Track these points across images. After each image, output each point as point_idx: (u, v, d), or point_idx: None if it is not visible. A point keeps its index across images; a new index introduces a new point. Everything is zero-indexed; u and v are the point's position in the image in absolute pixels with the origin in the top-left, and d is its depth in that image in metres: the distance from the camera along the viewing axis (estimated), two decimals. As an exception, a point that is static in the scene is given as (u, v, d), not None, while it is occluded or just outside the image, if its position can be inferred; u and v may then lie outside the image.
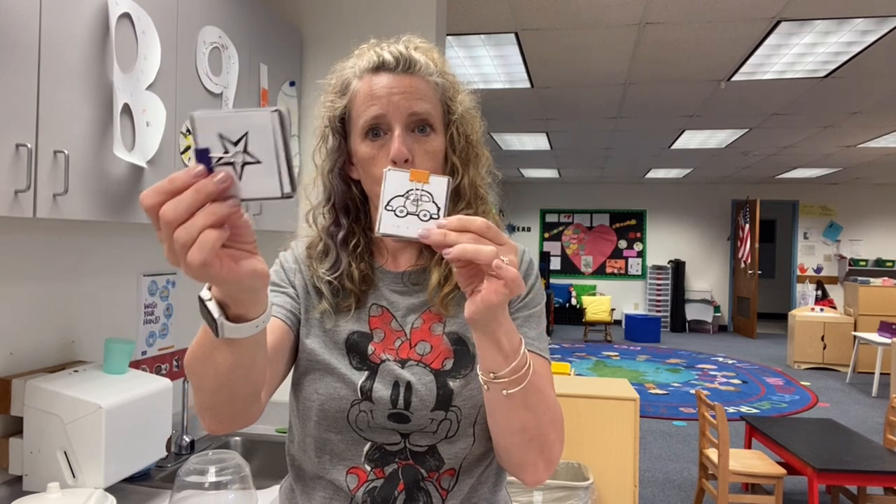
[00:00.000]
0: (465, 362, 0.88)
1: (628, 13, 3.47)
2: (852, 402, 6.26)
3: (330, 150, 0.92)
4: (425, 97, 0.86)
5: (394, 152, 0.82)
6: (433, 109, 0.87)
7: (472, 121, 0.93)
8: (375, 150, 0.85)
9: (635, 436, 2.86)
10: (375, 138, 0.85)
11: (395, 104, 0.84)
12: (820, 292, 10.30)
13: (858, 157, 8.15)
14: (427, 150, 0.86)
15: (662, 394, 6.45)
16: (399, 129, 0.84)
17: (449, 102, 0.90)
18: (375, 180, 0.84)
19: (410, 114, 0.84)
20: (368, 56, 0.88)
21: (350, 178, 0.93)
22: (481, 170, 0.94)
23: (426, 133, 0.86)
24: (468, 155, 0.92)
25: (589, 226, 11.92)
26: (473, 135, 0.93)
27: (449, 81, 0.91)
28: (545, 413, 0.78)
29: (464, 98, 0.93)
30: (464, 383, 0.87)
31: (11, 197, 1.16)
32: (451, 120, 0.90)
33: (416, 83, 0.86)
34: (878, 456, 3.10)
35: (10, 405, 1.45)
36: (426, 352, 0.89)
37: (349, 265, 0.92)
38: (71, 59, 1.29)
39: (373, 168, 0.86)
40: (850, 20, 3.55)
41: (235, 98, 1.94)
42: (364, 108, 0.85)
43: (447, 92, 0.91)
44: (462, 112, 0.91)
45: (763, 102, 5.45)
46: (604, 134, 7.00)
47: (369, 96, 0.85)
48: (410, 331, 0.91)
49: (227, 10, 1.91)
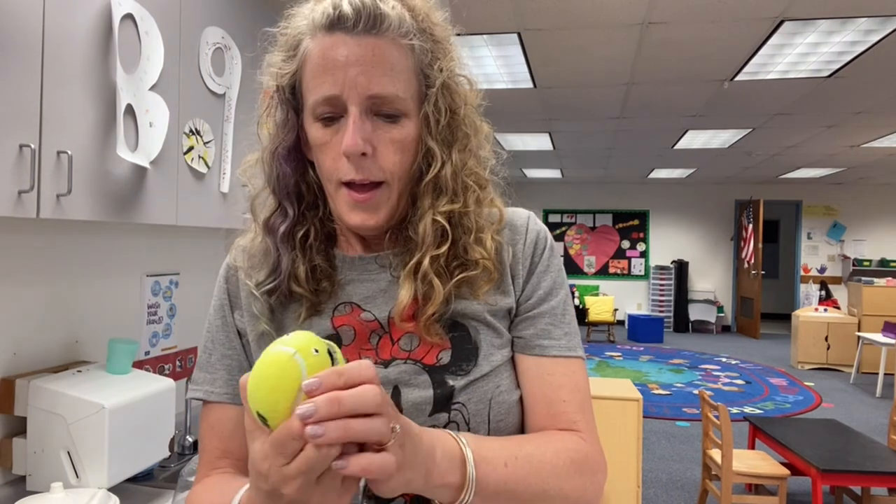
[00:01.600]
0: (465, 354, 0.72)
1: (631, 13, 3.47)
2: (856, 403, 6.24)
3: (278, 124, 0.74)
4: (393, 70, 0.66)
5: (346, 144, 0.65)
6: (403, 87, 0.67)
7: (458, 90, 0.73)
8: (328, 135, 0.68)
9: (638, 436, 2.85)
10: (330, 122, 0.68)
11: (352, 81, 0.65)
12: (823, 292, 10.27)
13: (862, 157, 8.12)
14: (393, 138, 0.68)
15: (665, 394, 6.43)
16: (356, 114, 0.65)
17: (427, 71, 0.70)
18: (324, 174, 0.71)
19: (370, 96, 0.65)
20: (324, 5, 0.67)
21: (307, 160, 0.75)
22: (475, 150, 0.75)
23: (392, 118, 0.68)
24: (452, 135, 0.72)
25: (592, 226, 11.90)
26: (462, 107, 0.73)
27: (433, 40, 0.70)
28: (548, 481, 0.65)
29: (449, 62, 0.72)
30: (469, 380, 0.70)
31: (15, 197, 1.16)
32: (428, 94, 0.70)
33: (383, 50, 0.66)
34: (882, 456, 3.09)
35: (13, 405, 1.45)
36: (414, 346, 0.71)
37: (293, 264, 0.73)
38: (74, 60, 1.30)
39: (323, 157, 0.69)
40: (854, 20, 3.54)
41: (238, 98, 1.94)
42: (314, 83, 0.67)
43: (427, 57, 0.70)
44: (444, 81, 0.70)
45: (766, 102, 5.44)
46: (607, 134, 6.99)
47: (320, 68, 0.66)
48: (389, 321, 0.72)
49: (230, 10, 1.91)
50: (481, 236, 0.74)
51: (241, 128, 1.95)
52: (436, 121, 0.70)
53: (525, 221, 0.79)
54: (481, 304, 0.73)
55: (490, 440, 0.65)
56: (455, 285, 0.71)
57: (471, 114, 0.75)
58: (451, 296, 0.71)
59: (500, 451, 0.63)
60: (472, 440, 0.62)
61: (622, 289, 11.69)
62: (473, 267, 0.72)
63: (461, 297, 0.73)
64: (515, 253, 0.77)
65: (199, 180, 1.78)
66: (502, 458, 0.62)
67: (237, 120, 1.93)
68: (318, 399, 0.46)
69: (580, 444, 0.71)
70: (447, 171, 0.71)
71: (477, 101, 0.76)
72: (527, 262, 0.77)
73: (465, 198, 0.72)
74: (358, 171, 0.67)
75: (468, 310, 0.73)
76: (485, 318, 0.73)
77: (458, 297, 0.72)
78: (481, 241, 0.73)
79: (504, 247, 0.77)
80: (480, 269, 0.72)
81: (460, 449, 0.60)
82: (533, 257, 0.77)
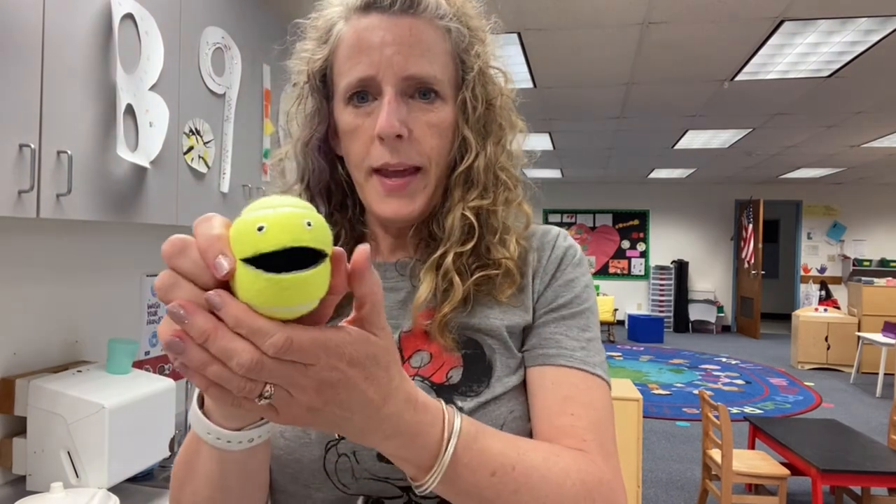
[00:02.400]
0: (478, 372, 0.66)
1: (631, 13, 3.47)
2: (856, 403, 6.24)
3: (308, 115, 0.70)
4: (430, 51, 0.64)
5: (381, 125, 0.62)
6: (440, 69, 0.65)
7: (495, 81, 0.70)
8: (360, 118, 0.64)
9: (638, 436, 2.85)
10: (362, 103, 0.65)
11: (388, 61, 0.62)
12: (823, 292, 10.28)
13: (862, 156, 8.12)
14: (430, 121, 0.65)
15: (665, 394, 6.43)
16: (391, 94, 0.63)
17: (464, 56, 0.68)
18: (353, 162, 0.67)
19: (406, 77, 0.63)
20: None
21: (335, 155, 0.72)
22: (508, 145, 0.72)
23: (429, 99, 0.65)
24: (487, 126, 0.69)
25: (592, 226, 11.90)
26: (497, 98, 0.70)
27: (469, 27, 0.68)
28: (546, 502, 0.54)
29: (487, 48, 0.70)
30: (479, 402, 0.64)
31: (15, 197, 1.16)
32: (466, 80, 0.67)
33: (420, 30, 0.64)
34: (882, 456, 3.09)
35: (13, 405, 1.46)
36: (424, 362, 0.67)
37: None
38: (74, 60, 1.30)
39: (352, 143, 0.66)
40: (854, 20, 3.54)
41: (238, 98, 1.94)
42: (348, 65, 0.64)
43: (463, 42, 0.68)
44: (482, 67, 0.68)
45: (766, 102, 5.44)
46: (607, 134, 6.99)
47: (355, 48, 0.64)
48: (401, 337, 0.68)
49: (230, 10, 1.91)
50: (506, 238, 0.69)
51: (242, 128, 1.95)
52: (473, 108, 0.67)
53: (554, 236, 0.74)
54: (499, 320, 0.68)
55: (492, 436, 0.54)
56: (475, 284, 0.67)
57: (507, 107, 0.72)
58: (469, 296, 0.67)
59: (498, 455, 0.52)
60: (470, 432, 0.51)
61: (622, 289, 11.69)
62: (495, 267, 0.68)
63: (480, 302, 0.68)
64: (539, 264, 0.71)
65: (199, 180, 1.77)
66: (493, 466, 0.52)
67: (237, 120, 1.93)
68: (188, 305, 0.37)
69: (593, 467, 0.58)
70: (480, 164, 0.68)
71: (512, 95, 0.73)
72: (546, 277, 0.71)
73: (495, 195, 0.69)
74: (393, 155, 0.63)
75: (484, 324, 0.67)
76: (501, 334, 0.67)
77: (478, 300, 0.68)
78: (505, 242, 0.69)
79: (530, 253, 0.72)
80: (503, 269, 0.68)
81: (441, 432, 0.50)
82: (555, 272, 0.71)
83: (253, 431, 0.49)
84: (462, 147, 0.68)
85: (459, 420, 0.51)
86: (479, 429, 0.53)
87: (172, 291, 0.37)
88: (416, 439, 0.48)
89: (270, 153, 2.15)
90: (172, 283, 0.37)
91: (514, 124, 0.73)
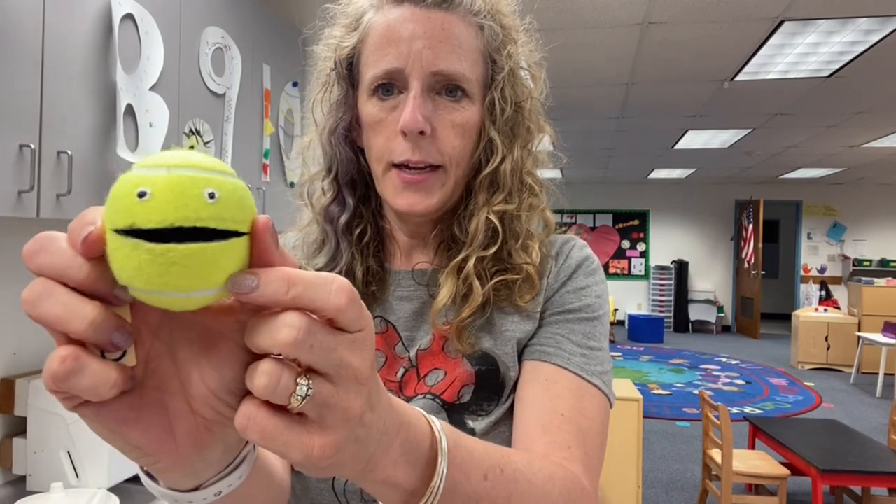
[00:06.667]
0: (489, 391, 0.64)
1: (631, 13, 3.47)
2: (856, 403, 6.24)
3: (335, 103, 0.69)
4: (461, 48, 0.62)
5: (405, 120, 0.60)
6: (469, 67, 0.63)
7: (525, 83, 0.69)
8: (384, 112, 0.63)
9: (638, 436, 2.85)
10: (387, 96, 0.63)
11: (417, 55, 0.60)
12: (824, 292, 10.28)
13: (862, 157, 8.12)
14: (455, 121, 0.63)
15: (665, 394, 6.43)
16: (417, 89, 0.61)
17: (495, 56, 0.66)
18: (374, 155, 0.65)
19: (434, 72, 0.61)
20: None
21: (357, 145, 0.71)
22: (534, 149, 0.70)
23: (456, 97, 0.63)
24: (515, 128, 0.67)
25: (592, 226, 11.90)
26: (527, 101, 0.69)
27: (503, 25, 0.66)
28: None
29: (519, 49, 0.68)
30: (489, 421, 0.62)
31: (15, 197, 1.16)
32: (495, 80, 0.66)
33: (452, 25, 0.62)
34: (883, 457, 3.09)
35: (13, 405, 1.46)
36: (438, 380, 0.65)
37: (352, 260, 0.69)
38: (74, 60, 1.30)
39: (375, 136, 0.64)
40: (854, 20, 3.54)
41: (238, 98, 1.95)
42: (375, 56, 0.63)
43: (496, 41, 0.65)
44: (512, 68, 0.66)
45: (766, 102, 5.44)
46: (607, 134, 6.99)
47: (384, 39, 0.62)
48: (417, 354, 0.66)
49: (230, 10, 1.91)
50: (529, 243, 0.68)
51: (242, 128, 1.95)
52: (501, 110, 0.65)
53: (572, 245, 0.72)
54: (511, 332, 0.66)
55: (471, 439, 0.47)
56: (493, 289, 0.65)
57: (536, 110, 0.70)
58: (489, 300, 0.65)
59: (483, 456, 0.46)
60: (449, 433, 0.43)
61: (622, 289, 11.69)
62: (515, 272, 0.66)
63: (498, 307, 0.67)
64: (554, 271, 0.70)
65: (199, 180, 1.77)
66: (483, 468, 0.45)
67: (237, 120, 1.93)
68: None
69: (574, 476, 0.55)
70: (506, 167, 0.66)
71: (542, 98, 0.71)
72: (558, 283, 0.69)
73: (520, 199, 0.68)
74: (414, 152, 0.62)
75: (500, 339, 0.66)
76: (515, 346, 0.66)
77: (496, 306, 0.66)
78: (528, 248, 0.68)
79: (548, 259, 0.70)
80: (523, 275, 0.66)
81: (431, 435, 0.41)
82: (568, 279, 0.69)
83: (216, 486, 0.39)
84: (488, 149, 0.66)
85: (437, 423, 0.43)
86: (453, 428, 0.46)
87: (42, 302, 0.28)
88: (409, 433, 0.40)
89: (270, 153, 2.15)
90: (42, 292, 0.28)
91: (541, 128, 0.71)
